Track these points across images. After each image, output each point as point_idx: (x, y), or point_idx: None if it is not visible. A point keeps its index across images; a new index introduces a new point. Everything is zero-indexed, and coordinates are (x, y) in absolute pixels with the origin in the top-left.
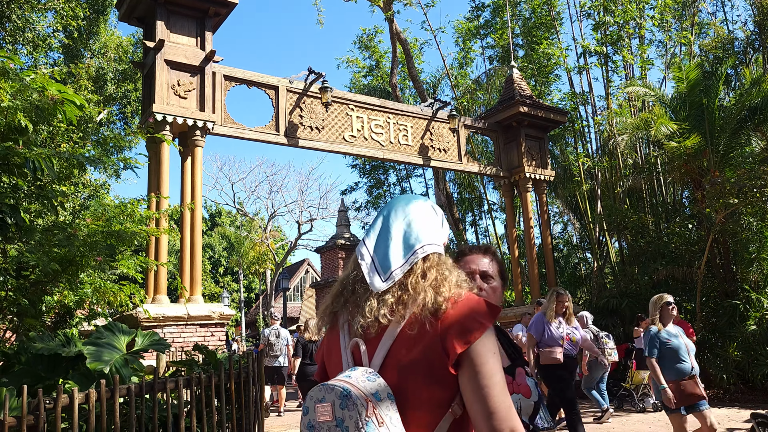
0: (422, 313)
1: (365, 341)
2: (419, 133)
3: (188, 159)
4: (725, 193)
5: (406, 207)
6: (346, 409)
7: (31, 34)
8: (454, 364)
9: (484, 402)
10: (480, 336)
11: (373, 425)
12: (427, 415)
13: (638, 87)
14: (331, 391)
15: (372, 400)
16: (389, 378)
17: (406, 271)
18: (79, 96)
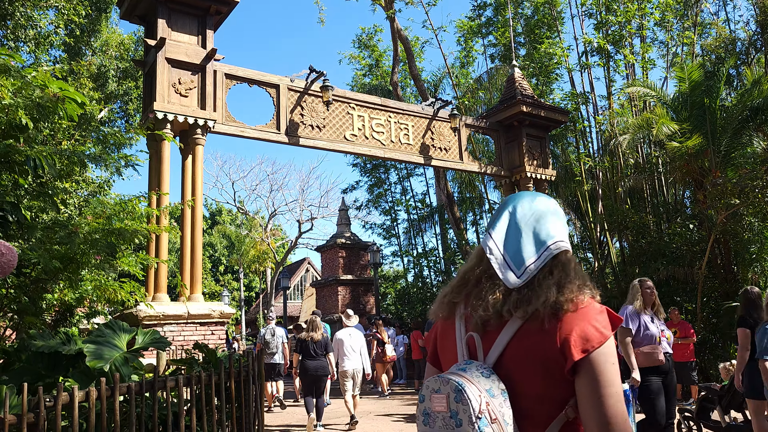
0: (543, 311)
1: (483, 335)
2: (420, 132)
3: (189, 157)
4: (727, 193)
5: (532, 202)
6: (460, 403)
7: (33, 31)
8: (571, 369)
9: (600, 410)
10: (599, 345)
11: (486, 421)
12: (539, 414)
13: (640, 87)
14: (447, 383)
15: (486, 396)
16: (504, 374)
17: (539, 267)
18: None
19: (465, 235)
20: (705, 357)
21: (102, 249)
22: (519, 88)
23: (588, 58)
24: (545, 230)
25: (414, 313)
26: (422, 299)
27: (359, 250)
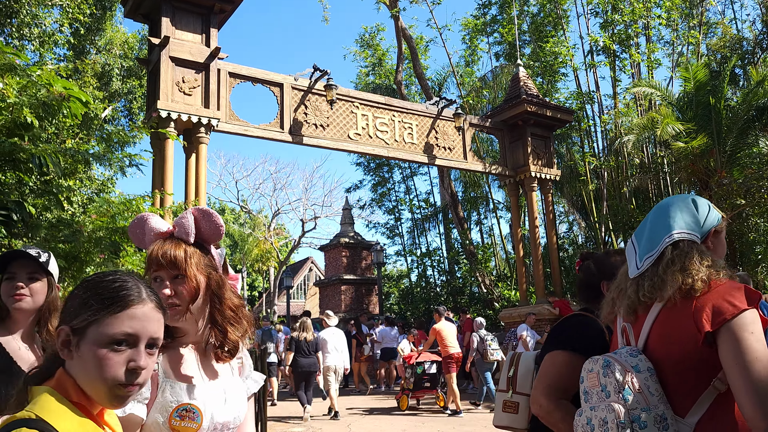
0: (674, 295)
1: (632, 323)
2: (424, 131)
3: (192, 156)
4: (732, 193)
5: (664, 203)
6: (607, 377)
7: (38, 30)
8: (709, 342)
9: (743, 378)
10: (732, 317)
11: (629, 390)
12: (685, 387)
13: (645, 87)
14: (597, 362)
15: (631, 370)
16: (650, 353)
17: (655, 258)
18: (84, 93)
19: (469, 235)
20: None
21: (106, 248)
22: (524, 87)
23: (594, 58)
24: (665, 224)
25: (417, 313)
26: (425, 299)
27: (362, 249)
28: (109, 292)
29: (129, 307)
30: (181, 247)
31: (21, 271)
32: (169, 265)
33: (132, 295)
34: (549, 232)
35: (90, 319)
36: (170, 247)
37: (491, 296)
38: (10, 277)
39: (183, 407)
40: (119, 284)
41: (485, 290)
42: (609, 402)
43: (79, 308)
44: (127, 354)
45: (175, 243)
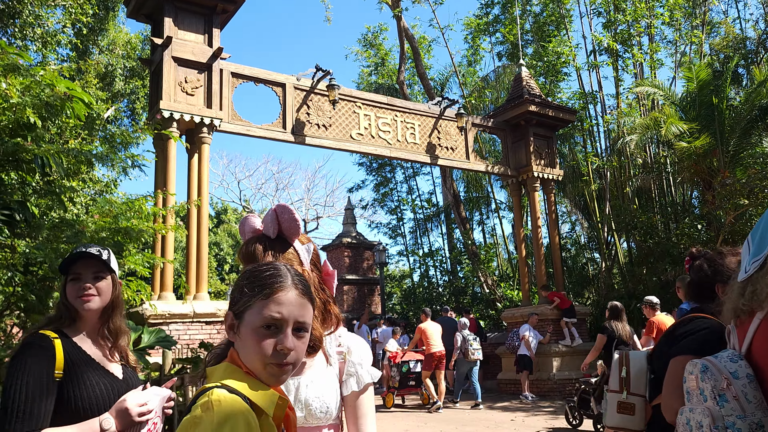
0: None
1: (737, 326)
2: (427, 131)
3: (195, 156)
4: (735, 193)
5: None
6: (704, 381)
7: (41, 30)
8: None
9: None
10: None
11: (726, 397)
12: None
13: (648, 86)
14: (696, 365)
15: (728, 376)
16: (753, 361)
17: (760, 263)
18: (87, 93)
19: (471, 235)
20: None
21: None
22: (526, 87)
23: (596, 57)
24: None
25: (419, 313)
26: (428, 299)
27: (365, 249)
28: (260, 281)
29: (276, 293)
30: (262, 242)
31: (86, 272)
32: (250, 258)
33: (278, 283)
34: (551, 232)
35: (246, 305)
36: (252, 244)
37: (493, 296)
38: (76, 278)
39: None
40: (270, 273)
41: (487, 290)
42: (705, 406)
43: (239, 295)
44: (276, 336)
45: (259, 239)
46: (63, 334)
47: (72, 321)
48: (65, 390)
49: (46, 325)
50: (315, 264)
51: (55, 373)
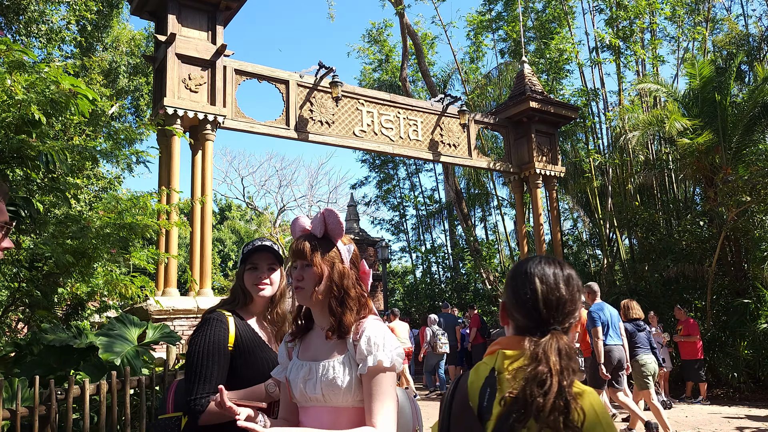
0: None
1: None
2: (429, 128)
3: (199, 153)
4: (738, 190)
5: None
6: None
7: (45, 26)
8: None
9: None
10: None
11: None
12: None
13: (650, 83)
14: None
15: None
16: None
17: None
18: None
19: (473, 232)
20: (715, 355)
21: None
22: (528, 84)
23: (599, 54)
24: None
25: (422, 309)
26: (430, 295)
27: (368, 245)
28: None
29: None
30: (311, 241)
31: (263, 263)
32: (299, 255)
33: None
34: (553, 229)
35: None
36: (302, 241)
37: (495, 293)
38: (253, 267)
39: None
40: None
41: (489, 286)
42: None
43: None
44: None
45: (308, 238)
46: (236, 315)
47: (244, 304)
48: (235, 362)
49: (221, 306)
50: (354, 263)
51: (228, 345)
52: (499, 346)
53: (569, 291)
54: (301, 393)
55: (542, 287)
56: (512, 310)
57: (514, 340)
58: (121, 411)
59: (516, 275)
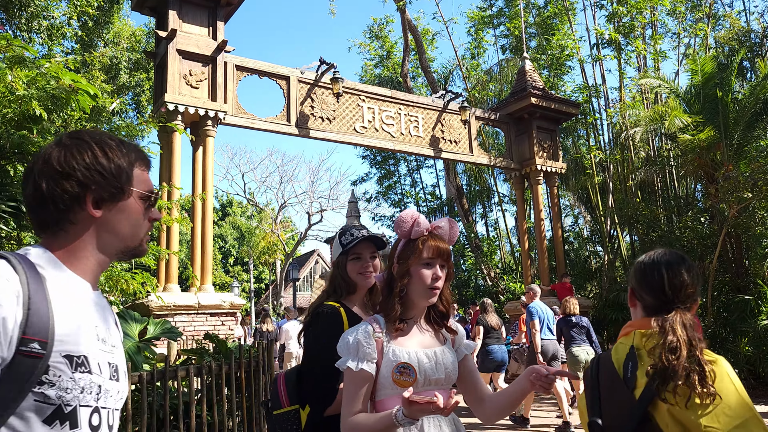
0: None
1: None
2: (430, 124)
3: (199, 149)
4: (739, 187)
5: None
6: None
7: (46, 22)
8: None
9: None
10: None
11: None
12: None
13: (652, 79)
14: None
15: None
16: None
17: None
18: (92, 86)
19: (474, 228)
20: (716, 351)
21: None
22: (530, 80)
23: (600, 51)
24: None
25: None
26: None
27: None
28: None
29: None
30: (447, 244)
31: (366, 252)
32: (445, 256)
33: None
34: (554, 225)
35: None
36: (443, 243)
37: (496, 289)
38: (357, 257)
39: (401, 365)
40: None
41: (490, 283)
42: None
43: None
44: None
45: (442, 240)
46: (342, 305)
47: (348, 293)
48: None
49: (327, 299)
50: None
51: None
52: (632, 328)
53: (690, 276)
54: (426, 378)
55: (668, 273)
56: (641, 293)
57: (645, 321)
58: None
59: (645, 264)
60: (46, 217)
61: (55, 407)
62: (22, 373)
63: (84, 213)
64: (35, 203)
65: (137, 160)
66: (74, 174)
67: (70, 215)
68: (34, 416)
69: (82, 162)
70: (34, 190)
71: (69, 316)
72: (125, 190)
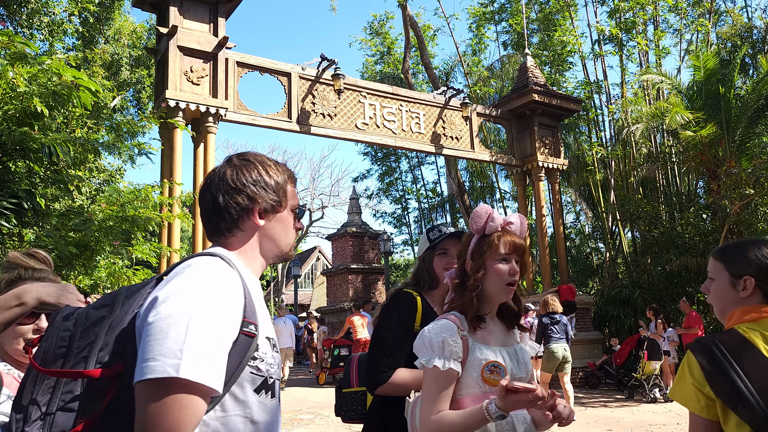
0: None
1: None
2: (431, 120)
3: (201, 145)
4: (741, 183)
5: None
6: None
7: (47, 18)
8: None
9: None
10: None
11: None
12: None
13: (654, 75)
14: None
15: None
16: None
17: None
18: (93, 82)
19: None
20: None
21: (117, 236)
22: (531, 76)
23: (601, 47)
24: None
25: None
26: None
27: (370, 238)
28: None
29: None
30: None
31: (452, 248)
32: (521, 251)
33: None
34: (556, 222)
35: None
36: (517, 239)
37: None
38: (444, 252)
39: (492, 363)
40: None
41: None
42: None
43: None
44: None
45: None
46: (421, 296)
47: (429, 288)
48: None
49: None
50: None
51: (414, 324)
52: (757, 314)
53: None
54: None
55: None
56: (761, 282)
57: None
58: None
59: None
60: (221, 224)
61: (263, 379)
62: (243, 349)
63: (250, 222)
64: (213, 213)
65: (289, 177)
66: (245, 189)
67: (240, 224)
68: (249, 385)
69: (250, 179)
70: (213, 203)
71: (260, 305)
72: (282, 203)
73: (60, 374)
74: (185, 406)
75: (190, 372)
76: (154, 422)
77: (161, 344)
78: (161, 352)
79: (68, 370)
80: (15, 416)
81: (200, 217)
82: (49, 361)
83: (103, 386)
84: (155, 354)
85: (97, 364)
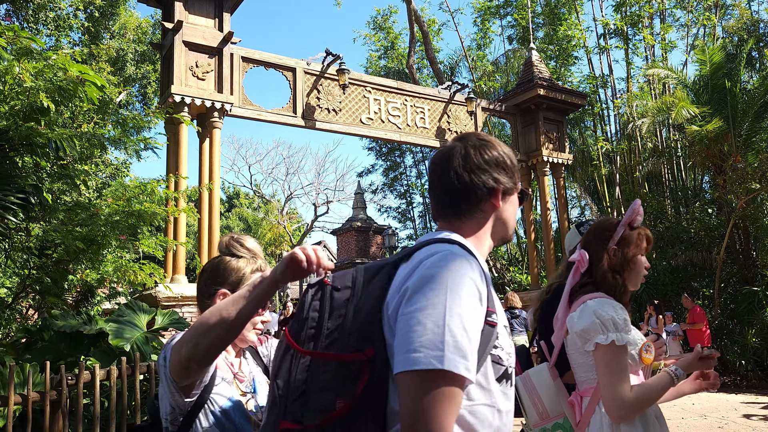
0: None
1: None
2: (436, 115)
3: (206, 140)
4: (747, 178)
5: None
6: None
7: (53, 14)
8: None
9: None
10: None
11: None
12: None
13: (660, 69)
14: None
15: None
16: None
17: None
18: (99, 77)
19: None
20: (723, 342)
21: (123, 230)
22: (536, 71)
23: (606, 41)
24: None
25: None
26: None
27: (374, 233)
28: None
29: None
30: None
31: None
32: (651, 247)
33: None
34: (561, 217)
35: None
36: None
37: (502, 280)
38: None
39: (647, 344)
40: None
41: (497, 274)
42: None
43: None
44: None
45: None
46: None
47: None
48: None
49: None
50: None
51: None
52: None
53: None
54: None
55: None
56: None
57: None
58: (131, 396)
59: None
60: (462, 204)
61: (504, 369)
62: (486, 339)
63: (490, 203)
64: (456, 192)
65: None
66: (490, 170)
67: (483, 204)
68: (491, 374)
69: (493, 159)
70: (459, 181)
71: (494, 293)
72: (516, 185)
73: (321, 356)
74: (449, 397)
75: (452, 364)
76: (422, 413)
77: (421, 336)
78: (422, 344)
79: (329, 354)
80: (277, 393)
81: (433, 195)
82: (303, 342)
83: (357, 369)
84: (416, 345)
85: (349, 347)
